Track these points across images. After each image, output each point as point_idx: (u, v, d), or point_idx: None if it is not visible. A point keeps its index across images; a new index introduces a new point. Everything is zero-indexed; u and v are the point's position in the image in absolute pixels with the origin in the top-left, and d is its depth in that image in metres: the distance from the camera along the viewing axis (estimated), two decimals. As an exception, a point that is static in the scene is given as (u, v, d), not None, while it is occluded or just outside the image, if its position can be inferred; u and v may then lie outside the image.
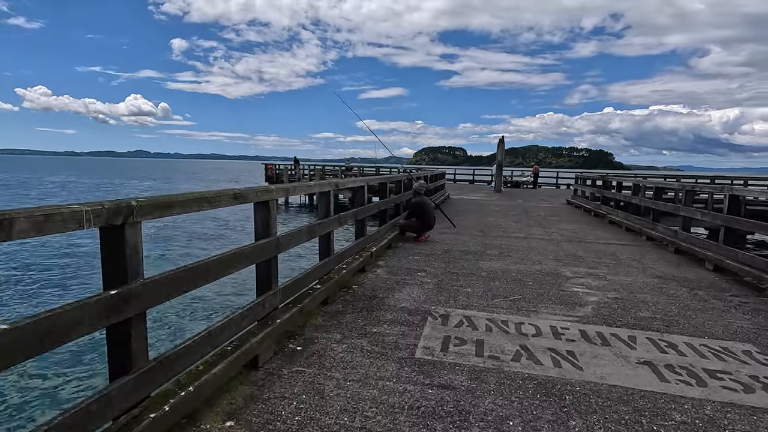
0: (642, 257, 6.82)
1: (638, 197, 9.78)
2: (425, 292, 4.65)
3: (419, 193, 7.69)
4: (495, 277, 5.32)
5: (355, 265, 5.05)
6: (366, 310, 4.04)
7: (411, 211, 7.62)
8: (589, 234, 9.07)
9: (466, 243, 7.59)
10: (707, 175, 26.72)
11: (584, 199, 14.84)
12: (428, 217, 7.55)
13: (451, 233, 8.66)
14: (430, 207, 7.64)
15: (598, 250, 7.26)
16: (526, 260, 6.34)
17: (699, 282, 5.39)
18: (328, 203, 4.63)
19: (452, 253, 6.68)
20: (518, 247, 7.38)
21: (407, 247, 7.11)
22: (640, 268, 6.07)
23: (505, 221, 10.82)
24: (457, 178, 36.46)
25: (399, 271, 5.54)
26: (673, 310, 4.26)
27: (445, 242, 7.62)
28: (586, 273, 5.68)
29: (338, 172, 32.43)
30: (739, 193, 6.01)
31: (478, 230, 9.15)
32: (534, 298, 4.52)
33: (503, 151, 22.72)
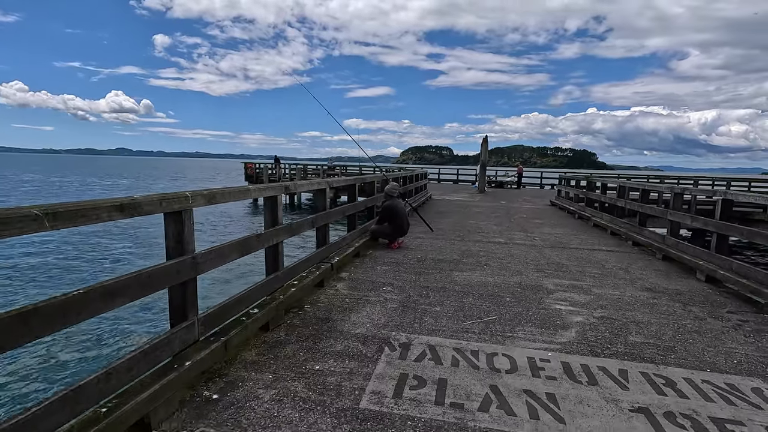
0: (629, 266, 6.34)
1: (624, 200, 9.35)
2: (387, 312, 4.04)
3: (391, 196, 7.09)
4: (469, 292, 4.75)
5: (309, 280, 4.41)
6: (313, 338, 3.41)
7: (382, 215, 7.02)
8: (573, 239, 8.59)
9: (442, 250, 7.01)
10: (689, 176, 26.78)
11: (568, 201, 14.45)
12: (401, 221, 6.95)
13: (428, 238, 8.09)
14: (402, 211, 7.04)
15: (583, 258, 6.76)
16: (505, 270, 5.79)
17: (692, 296, 4.91)
18: (275, 209, 3.98)
19: (426, 262, 6.09)
20: (498, 254, 6.83)
21: (377, 255, 6.49)
22: (627, 279, 5.57)
23: (486, 224, 10.30)
24: (441, 177, 36.03)
25: (362, 285, 4.92)
26: (668, 333, 3.74)
27: (420, 249, 7.03)
28: (569, 285, 5.15)
29: (320, 171, 31.68)
30: (732, 198, 5.56)
31: (457, 235, 8.59)
32: (511, 319, 3.95)
33: (487, 150, 22.30)
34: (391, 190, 7.08)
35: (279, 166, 32.69)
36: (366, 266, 5.79)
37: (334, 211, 5.69)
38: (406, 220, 7.14)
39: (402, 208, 7.13)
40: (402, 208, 7.13)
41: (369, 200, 7.75)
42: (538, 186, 32.64)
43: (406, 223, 7.13)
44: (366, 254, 6.49)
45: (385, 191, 7.14)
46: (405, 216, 7.10)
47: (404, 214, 7.07)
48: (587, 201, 12.25)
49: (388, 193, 7.09)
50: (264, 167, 32.27)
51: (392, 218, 6.93)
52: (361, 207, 6.99)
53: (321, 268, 4.80)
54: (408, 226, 7.23)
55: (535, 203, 17.11)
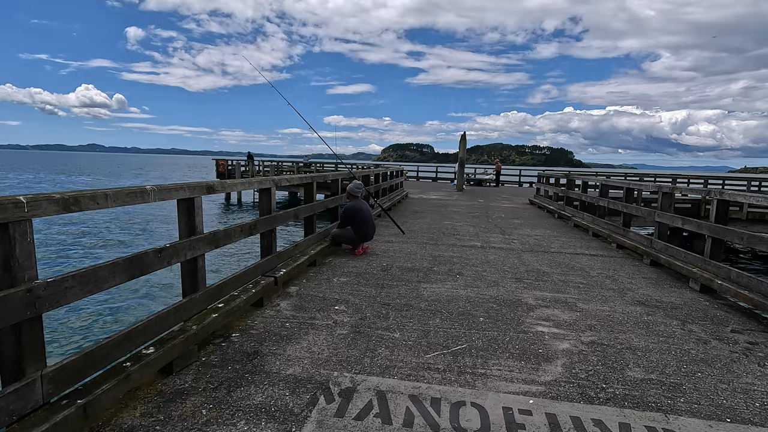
0: (616, 273, 5.75)
1: (606, 199, 8.84)
2: (334, 341, 3.27)
3: (354, 196, 6.31)
4: (437, 310, 4.02)
5: (242, 300, 3.60)
6: (229, 384, 2.62)
7: (344, 218, 6.24)
8: (554, 241, 8.00)
9: (412, 256, 6.29)
10: (664, 174, 26.91)
11: (547, 200, 13.97)
12: (365, 225, 6.19)
13: (398, 242, 7.35)
14: (367, 213, 6.28)
15: (565, 264, 6.14)
16: (480, 281, 5.10)
17: (689, 310, 4.31)
18: (192, 215, 3.16)
19: (391, 272, 5.35)
20: (473, 260, 6.15)
21: (337, 263, 5.71)
22: (616, 289, 4.96)
23: (462, 225, 9.64)
24: (420, 175, 35.45)
25: (312, 303, 4.14)
26: (671, 364, 3.10)
27: (387, 255, 6.28)
28: (552, 299, 4.49)
29: (295, 168, 30.63)
30: (729, 198, 5.01)
31: (430, 238, 7.89)
32: (485, 348, 3.24)
33: (465, 147, 21.76)
34: (354, 189, 6.31)
35: (252, 163, 31.48)
36: (321, 278, 5.00)
37: (283, 215, 4.88)
38: (372, 223, 6.39)
39: (367, 209, 6.37)
40: (367, 209, 6.37)
41: (330, 200, 6.95)
42: (516, 184, 32.42)
43: (372, 227, 6.38)
44: (324, 263, 5.69)
45: (348, 190, 6.36)
46: (370, 218, 6.34)
47: (369, 217, 6.31)
48: (567, 200, 11.77)
49: (351, 192, 6.31)
50: (236, 164, 31.03)
51: (355, 221, 6.16)
52: (320, 208, 6.19)
53: (260, 284, 3.99)
54: (374, 229, 6.48)
55: (514, 202, 16.62)
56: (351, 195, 6.32)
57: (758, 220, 15.69)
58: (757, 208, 15.66)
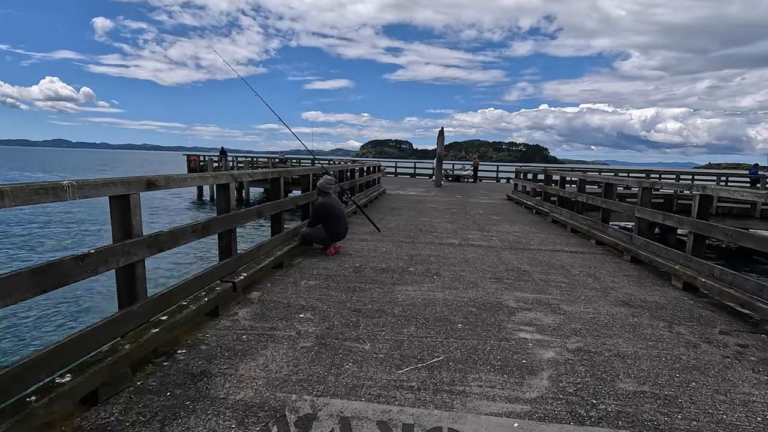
0: (597, 271, 5.56)
1: (585, 194, 8.71)
2: (296, 356, 2.90)
3: (325, 192, 5.91)
4: (412, 316, 3.70)
5: (191, 310, 3.18)
6: (163, 416, 2.22)
7: (314, 216, 5.85)
8: (533, 238, 7.81)
9: (387, 255, 5.95)
10: (636, 170, 27.48)
11: (525, 195, 13.89)
12: (337, 223, 5.81)
13: (373, 240, 7.00)
14: (339, 210, 5.90)
15: (546, 262, 5.92)
16: (458, 281, 4.81)
17: (674, 310, 4.13)
18: (126, 215, 2.72)
19: (364, 273, 5.00)
20: (451, 259, 5.86)
21: (306, 265, 5.32)
22: (599, 288, 4.75)
23: (440, 222, 9.36)
24: (398, 171, 35.20)
25: (274, 310, 3.74)
26: (663, 372, 2.86)
27: (361, 255, 5.92)
28: (534, 300, 4.23)
29: (270, 164, 29.86)
30: (712, 193, 4.87)
31: (407, 235, 7.57)
32: (464, 360, 2.93)
33: (443, 143, 21.57)
34: (325, 185, 5.91)
35: (225, 158, 30.51)
36: (287, 281, 4.60)
37: (244, 213, 4.45)
38: (344, 221, 6.01)
39: (339, 206, 5.98)
40: (339, 206, 5.98)
41: (301, 197, 6.53)
42: (494, 180, 32.55)
43: (344, 225, 6.00)
44: (292, 264, 5.29)
45: (318, 186, 5.95)
46: (342, 216, 5.96)
47: (341, 214, 5.93)
48: (544, 195, 11.67)
49: (322, 188, 5.91)
50: (209, 160, 30.05)
51: (327, 219, 5.77)
52: (288, 205, 5.77)
53: (216, 291, 3.57)
54: (346, 228, 6.10)
55: (492, 198, 16.52)
56: (322, 191, 5.92)
57: (726, 214, 16.08)
58: (726, 202, 16.05)
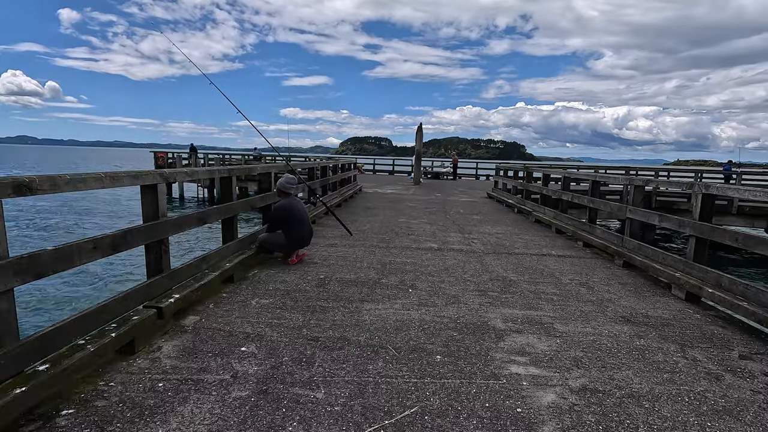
0: (589, 278, 5.03)
1: (570, 193, 8.24)
2: (223, 414, 2.20)
3: (285, 193, 5.18)
4: (381, 345, 3.04)
5: (89, 352, 2.43)
6: None
7: (273, 220, 5.12)
8: (517, 240, 7.27)
9: (357, 264, 5.27)
10: (615, 167, 27.62)
11: (506, 193, 13.43)
12: (299, 227, 5.09)
13: (344, 245, 6.31)
14: (302, 213, 5.18)
15: (533, 269, 5.36)
16: (437, 295, 4.17)
17: (683, 328, 3.60)
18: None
19: (329, 287, 4.31)
20: (429, 267, 5.23)
21: (262, 278, 4.59)
22: (594, 301, 4.20)
23: (418, 223, 8.74)
24: (377, 168, 34.51)
25: (210, 342, 3.02)
26: (691, 420, 2.29)
27: (328, 263, 5.23)
28: (525, 319, 3.64)
29: (243, 161, 28.69)
30: (717, 192, 4.38)
31: (382, 239, 6.90)
32: (443, 411, 2.29)
33: (421, 139, 21.00)
34: (286, 185, 5.17)
35: (195, 156, 29.18)
36: (236, 300, 3.87)
37: (178, 220, 3.69)
38: (308, 225, 5.29)
39: (302, 208, 5.26)
40: (302, 208, 5.26)
41: (257, 198, 5.75)
42: (473, 177, 32.26)
43: (308, 229, 5.29)
44: (245, 278, 4.54)
45: (278, 186, 5.21)
46: (306, 219, 5.25)
47: (305, 217, 5.22)
48: (526, 193, 11.21)
49: (282, 188, 5.17)
50: (177, 157, 28.65)
51: (287, 223, 5.05)
52: (241, 209, 5.02)
53: (131, 322, 2.82)
54: (311, 232, 5.38)
55: (472, 196, 16.03)
56: (282, 192, 5.18)
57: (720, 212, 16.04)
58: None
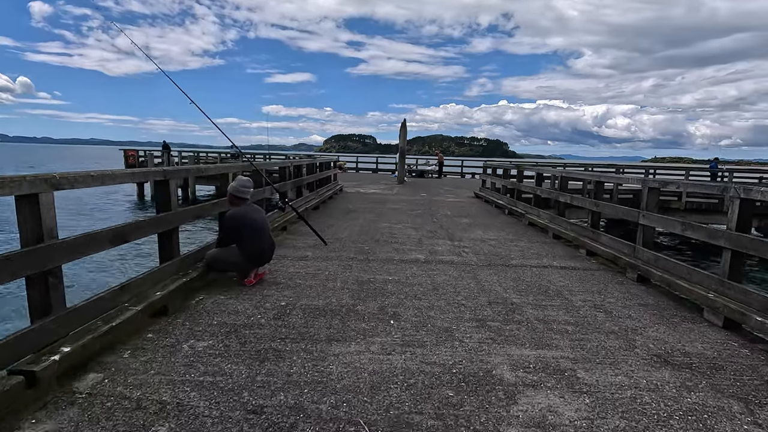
0: (604, 298, 4.25)
1: (569, 194, 7.51)
2: None
3: (240, 198, 4.25)
4: (351, 419, 2.17)
5: None
6: None
7: (224, 231, 4.18)
8: (513, 248, 6.48)
9: (329, 283, 4.39)
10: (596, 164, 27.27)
11: (495, 193, 12.70)
12: (256, 241, 4.16)
13: (316, 258, 5.42)
14: (260, 224, 4.25)
15: (536, 286, 4.57)
16: (425, 329, 3.32)
17: (737, 373, 2.84)
18: None
19: (290, 320, 3.42)
20: (415, 286, 4.38)
21: (207, 307, 3.66)
22: (618, 332, 3.41)
23: (402, 228, 7.89)
24: (360, 167, 33.56)
25: (99, 425, 2.10)
26: None
27: (294, 283, 4.33)
28: (538, 364, 2.82)
29: (218, 159, 27.40)
30: (760, 198, 3.64)
31: (360, 250, 6.02)
32: None
33: (405, 137, 20.17)
34: (239, 189, 4.23)
35: (169, 154, 27.73)
36: (164, 344, 2.94)
37: (71, 244, 2.73)
38: (269, 238, 4.37)
39: (260, 217, 4.33)
40: (260, 217, 4.33)
41: (208, 205, 4.78)
42: (459, 175, 31.61)
43: (269, 243, 4.36)
44: (184, 308, 3.61)
45: (229, 192, 4.27)
46: (265, 231, 4.32)
47: (263, 228, 4.29)
48: (517, 194, 10.48)
49: (235, 194, 4.23)
50: (149, 155, 27.17)
51: (240, 236, 4.12)
52: (185, 219, 4.07)
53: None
54: (272, 245, 4.45)
55: (459, 195, 15.27)
56: (235, 197, 4.24)
57: (695, 210, 15.70)
58: (695, 197, 15.65)
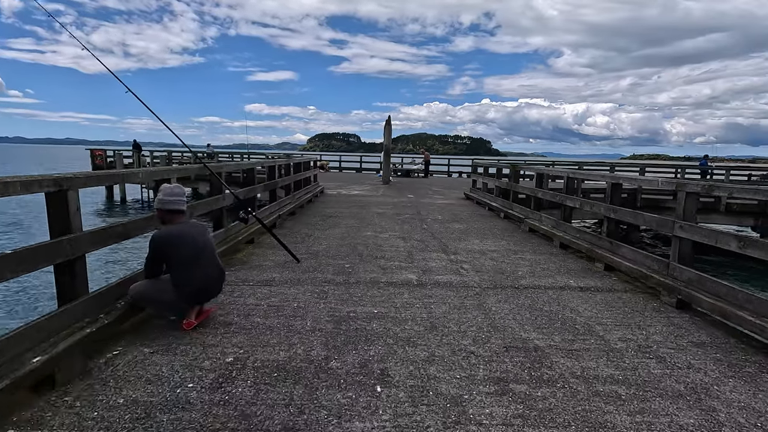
0: (648, 336, 3.35)
1: (579, 199, 6.64)
2: None
3: (171, 212, 3.17)
4: None
5: None
6: None
7: (150, 259, 3.11)
8: (519, 262, 5.57)
9: (296, 322, 3.38)
10: (588, 162, 26.87)
11: (488, 195, 11.82)
12: (195, 270, 3.10)
13: (284, 282, 4.40)
14: (201, 247, 3.18)
15: (559, 318, 3.65)
16: (423, 404, 2.35)
17: None
18: None
19: (232, 393, 2.40)
20: (407, 324, 3.40)
21: (118, 369, 2.61)
22: (687, 395, 2.49)
23: (388, 238, 6.90)
24: (343, 166, 32.47)
25: None
26: None
27: (249, 324, 3.31)
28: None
29: (192, 159, 25.93)
30: None
31: (339, 268, 5.01)
32: None
33: (390, 134, 19.21)
34: (167, 201, 3.13)
35: (140, 153, 26.14)
36: (21, 452, 1.90)
37: None
38: (214, 265, 3.30)
39: (203, 239, 3.25)
40: (203, 239, 3.25)
41: (140, 221, 3.66)
42: (446, 174, 30.81)
43: (214, 271, 3.30)
44: (86, 371, 2.55)
45: (156, 205, 3.20)
46: (208, 254, 3.24)
47: (205, 252, 3.20)
48: (514, 196, 9.62)
49: (164, 207, 3.15)
50: (118, 155, 25.54)
51: (174, 265, 3.07)
52: (92, 244, 2.98)
53: None
54: (220, 275, 3.39)
55: (448, 196, 14.36)
56: (165, 212, 3.18)
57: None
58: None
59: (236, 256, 5.39)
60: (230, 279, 4.39)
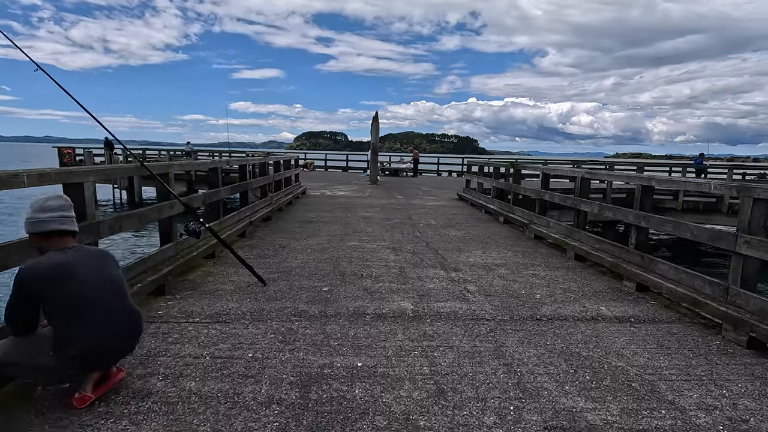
0: (733, 402, 2.43)
1: (597, 203, 5.76)
2: None
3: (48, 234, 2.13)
4: None
5: None
6: None
7: (18, 302, 2.07)
8: (532, 280, 4.64)
9: (245, 390, 2.38)
10: (580, 160, 26.31)
11: (483, 196, 10.91)
12: (88, 320, 2.08)
13: (240, 315, 3.39)
14: (93, 284, 2.14)
15: (606, 371, 2.72)
16: None
17: None
18: None
19: None
20: (405, 394, 2.43)
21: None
22: None
23: (376, 248, 5.92)
24: (329, 164, 31.34)
25: None
26: None
27: (175, 397, 2.29)
28: None
29: (167, 157, 24.59)
30: None
31: (316, 293, 4.01)
32: None
33: (377, 132, 18.23)
34: (43, 221, 2.10)
35: (112, 152, 24.63)
36: None
37: None
38: (123, 310, 2.28)
39: (101, 274, 2.20)
40: (101, 274, 2.20)
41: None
42: (435, 173, 29.95)
43: (122, 321, 2.26)
44: None
45: (26, 226, 2.17)
46: (111, 296, 2.21)
47: (103, 293, 2.16)
48: (514, 197, 8.73)
49: (35, 230, 2.12)
50: (88, 153, 24.01)
51: (52, 311, 2.05)
52: None
53: None
54: (133, 325, 2.35)
55: (440, 197, 13.44)
56: (39, 236, 2.14)
57: (692, 209, 14.52)
58: (692, 196, 14.48)
59: (188, 277, 4.36)
60: (169, 313, 3.36)
